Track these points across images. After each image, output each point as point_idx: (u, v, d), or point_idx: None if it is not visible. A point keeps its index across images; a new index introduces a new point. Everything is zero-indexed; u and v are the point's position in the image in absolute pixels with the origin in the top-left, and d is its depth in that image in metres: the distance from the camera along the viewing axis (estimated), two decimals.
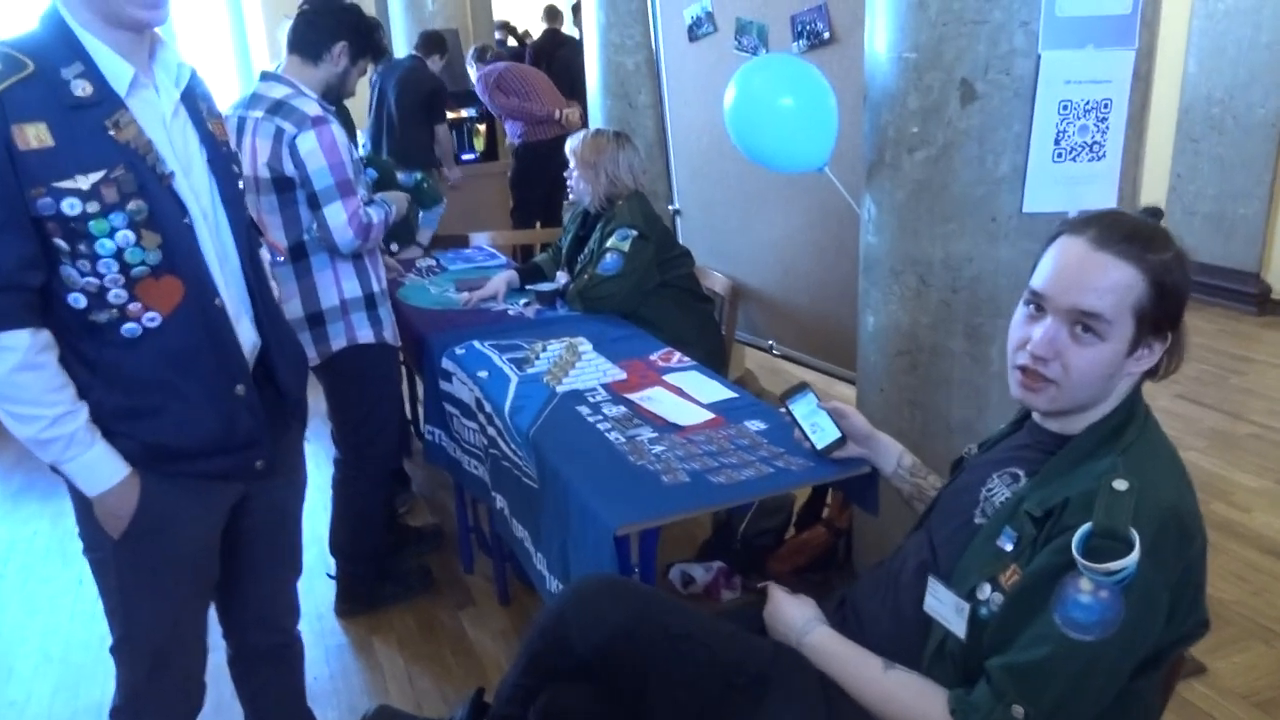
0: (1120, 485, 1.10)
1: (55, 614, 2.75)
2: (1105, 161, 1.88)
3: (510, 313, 2.82)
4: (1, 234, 1.25)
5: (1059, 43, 1.79)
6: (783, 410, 1.71)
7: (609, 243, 2.76)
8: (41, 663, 2.52)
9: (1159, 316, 1.14)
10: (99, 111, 1.30)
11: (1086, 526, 1.07)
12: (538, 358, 2.32)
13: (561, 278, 3.02)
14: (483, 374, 2.25)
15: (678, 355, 2.37)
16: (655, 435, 1.88)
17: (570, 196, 2.94)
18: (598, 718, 1.37)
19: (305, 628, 2.51)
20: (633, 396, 2.08)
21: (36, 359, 1.30)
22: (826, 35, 2.57)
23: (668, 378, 2.20)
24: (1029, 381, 1.21)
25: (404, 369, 2.87)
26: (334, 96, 2.35)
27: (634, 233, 2.74)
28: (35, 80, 1.25)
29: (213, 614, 1.69)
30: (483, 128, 6.22)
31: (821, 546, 2.58)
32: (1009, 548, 1.18)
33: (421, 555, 2.91)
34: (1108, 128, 1.86)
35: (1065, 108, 1.82)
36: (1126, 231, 1.16)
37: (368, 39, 2.36)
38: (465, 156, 5.91)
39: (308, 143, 2.15)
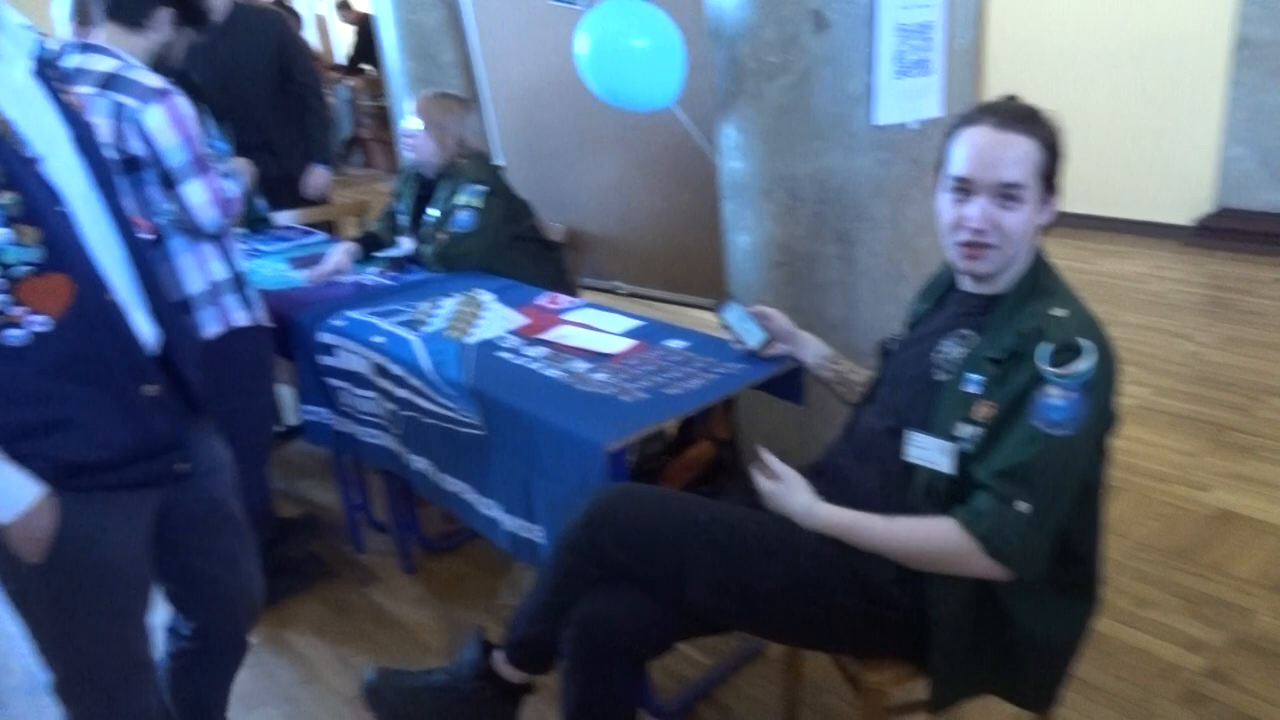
0: (1059, 313, 1.37)
1: None
2: (932, 76, 2.17)
3: (365, 283, 2.75)
4: None
5: None
6: (720, 320, 1.88)
7: (460, 200, 2.76)
8: None
9: (1053, 175, 1.41)
10: None
11: (1049, 345, 1.32)
12: (430, 317, 2.32)
13: (405, 242, 2.97)
14: (378, 339, 2.22)
15: (563, 297, 2.45)
16: (591, 366, 1.97)
17: (411, 157, 2.89)
18: (638, 611, 1.46)
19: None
20: (547, 337, 2.15)
21: None
22: None
23: (568, 316, 2.28)
24: (973, 252, 1.44)
25: None
26: (161, 68, 2.17)
27: (484, 188, 2.76)
28: None
29: None
30: None
31: (709, 459, 2.78)
32: (977, 390, 1.40)
33: (305, 544, 2.81)
34: (932, 46, 2.15)
35: (900, 30, 2.09)
36: (1016, 113, 1.42)
37: (193, 3, 2.20)
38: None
39: (155, 118, 1.99)
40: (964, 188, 1.43)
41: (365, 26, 8.58)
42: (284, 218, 3.62)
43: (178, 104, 2.03)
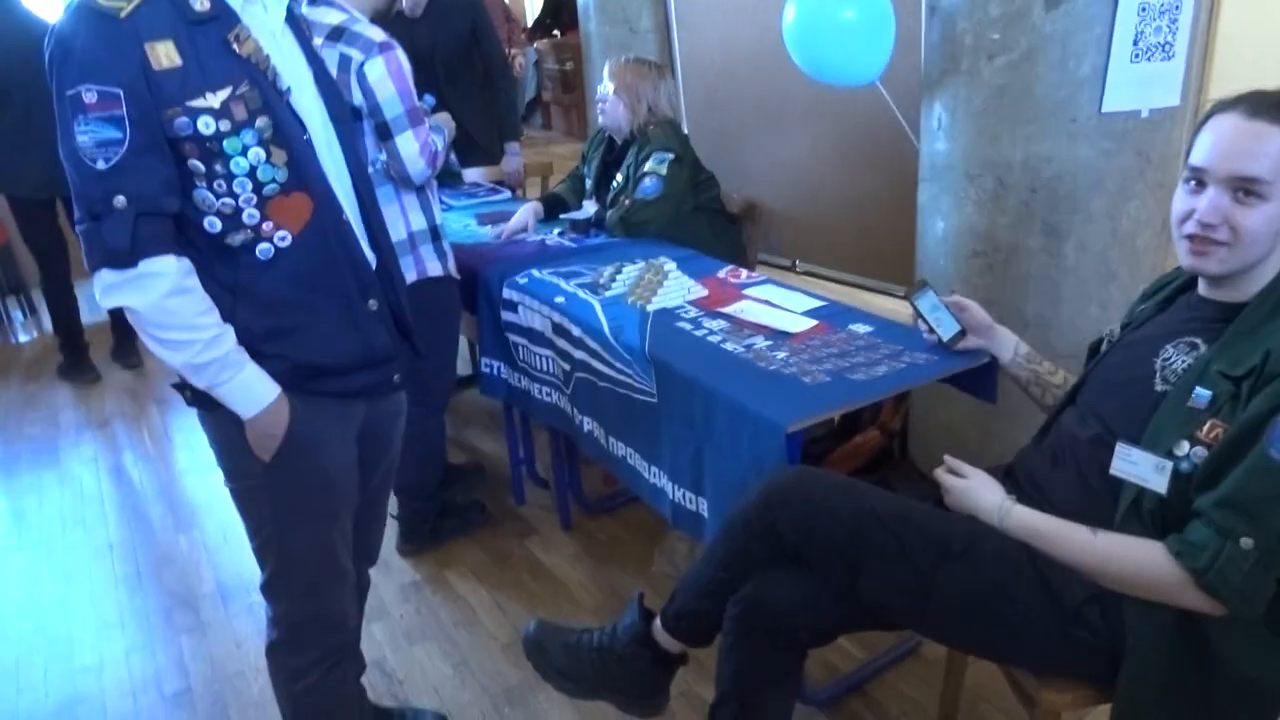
0: None
1: (95, 581, 2.65)
2: (1174, 61, 1.99)
3: (548, 243, 2.80)
4: (144, 158, 1.23)
5: None
6: (911, 307, 1.80)
7: (646, 166, 2.76)
8: (102, 628, 2.44)
9: None
10: (219, 25, 1.28)
11: None
12: (612, 281, 2.33)
13: (589, 206, 3.01)
14: (560, 300, 2.25)
15: (744, 271, 2.42)
16: (771, 343, 1.93)
17: (602, 121, 2.92)
18: (807, 597, 1.43)
19: (373, 569, 2.53)
20: (727, 310, 2.12)
21: (185, 283, 1.29)
22: None
23: (748, 291, 2.25)
24: (1199, 248, 1.31)
25: None
26: (380, 21, 2.26)
27: (671, 155, 2.75)
28: None
29: None
30: None
31: (876, 448, 2.69)
32: (1204, 406, 1.28)
33: (470, 491, 2.91)
34: (1177, 28, 1.97)
35: (1143, 10, 1.92)
36: (1276, 99, 1.26)
37: None
38: None
39: (377, 70, 2.08)
40: (1199, 178, 1.31)
41: None
42: (471, 174, 3.75)
43: (398, 57, 2.12)
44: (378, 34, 2.11)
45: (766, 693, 1.51)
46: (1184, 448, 1.28)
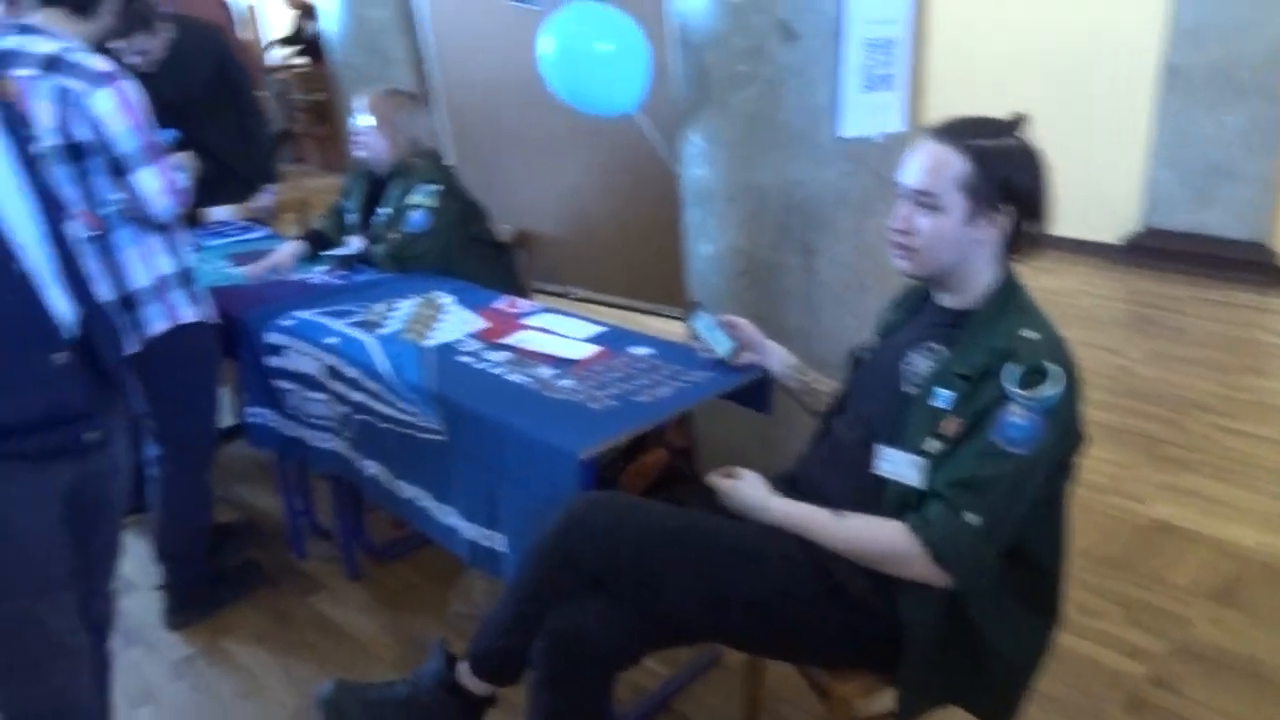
0: (1031, 335, 1.39)
1: None
2: (896, 91, 2.21)
3: (313, 281, 2.67)
4: None
5: None
6: (689, 328, 1.88)
7: (414, 199, 2.70)
8: None
9: (985, 191, 1.41)
10: None
11: (1017, 366, 1.34)
12: (386, 318, 2.26)
13: (353, 241, 2.90)
14: (331, 340, 2.15)
15: (522, 301, 2.42)
16: (556, 372, 1.94)
17: (362, 154, 2.82)
18: (613, 622, 1.44)
19: (137, 648, 2.31)
20: (508, 342, 2.11)
21: None
22: None
23: (528, 321, 2.25)
24: (895, 251, 1.49)
25: None
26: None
27: (438, 187, 2.71)
28: None
29: None
30: None
31: (663, 466, 2.76)
32: (945, 405, 1.42)
33: (242, 551, 2.71)
34: (895, 62, 2.18)
35: (867, 45, 2.12)
36: (960, 124, 1.45)
37: None
38: None
39: (104, 102, 1.90)
40: (900, 192, 1.47)
41: (308, 15, 8.41)
42: (219, 213, 3.51)
43: (126, 88, 1.95)
44: (102, 64, 1.93)
45: None
46: (933, 445, 1.41)
